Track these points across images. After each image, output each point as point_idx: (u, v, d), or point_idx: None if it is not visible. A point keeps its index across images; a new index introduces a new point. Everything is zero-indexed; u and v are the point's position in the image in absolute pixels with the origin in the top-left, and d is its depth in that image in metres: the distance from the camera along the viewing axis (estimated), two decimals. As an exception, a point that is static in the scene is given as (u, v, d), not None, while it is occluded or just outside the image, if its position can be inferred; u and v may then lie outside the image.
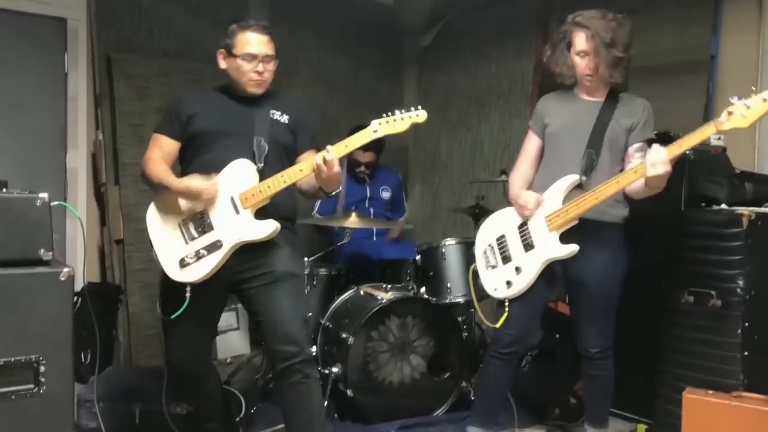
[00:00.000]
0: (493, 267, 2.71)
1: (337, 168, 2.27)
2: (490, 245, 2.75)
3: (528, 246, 2.62)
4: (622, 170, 2.52)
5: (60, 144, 3.84)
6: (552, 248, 2.54)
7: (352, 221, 3.51)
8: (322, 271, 3.65)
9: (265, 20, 4.56)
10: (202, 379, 2.56)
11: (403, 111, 2.34)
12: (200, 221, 2.33)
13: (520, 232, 2.65)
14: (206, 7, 4.18)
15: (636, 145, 2.57)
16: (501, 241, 2.71)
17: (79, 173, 3.88)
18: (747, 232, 2.53)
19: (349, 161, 4.19)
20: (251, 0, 4.48)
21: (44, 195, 2.26)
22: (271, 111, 2.48)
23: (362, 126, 2.34)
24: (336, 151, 2.26)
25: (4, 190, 2.29)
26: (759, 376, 2.49)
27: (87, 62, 3.88)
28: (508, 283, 2.65)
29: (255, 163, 2.36)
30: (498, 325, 2.68)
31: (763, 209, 2.66)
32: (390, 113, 2.31)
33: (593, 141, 2.55)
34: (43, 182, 3.38)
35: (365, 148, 4.10)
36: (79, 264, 2.40)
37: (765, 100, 2.15)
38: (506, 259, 2.68)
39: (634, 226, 2.83)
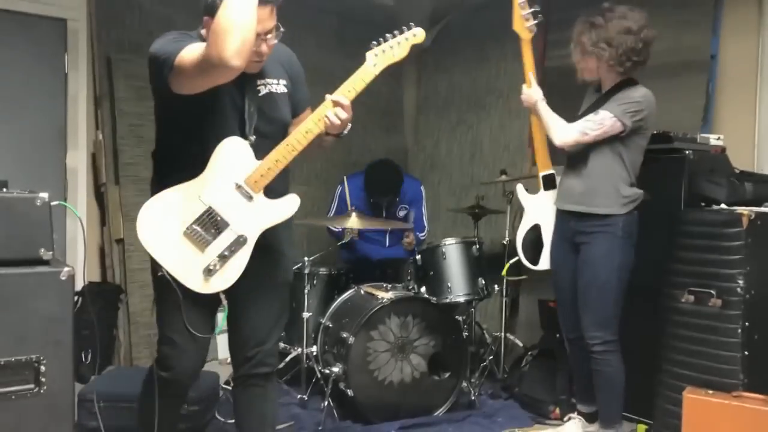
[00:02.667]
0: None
1: (350, 111, 2.10)
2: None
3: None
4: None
5: (60, 144, 3.84)
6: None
7: (353, 222, 3.51)
8: (323, 270, 3.65)
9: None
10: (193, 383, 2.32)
11: (395, 33, 2.16)
12: (209, 222, 2.06)
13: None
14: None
15: (595, 112, 2.65)
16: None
17: (79, 173, 3.88)
18: (747, 231, 2.52)
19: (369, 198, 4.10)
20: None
21: (44, 195, 2.26)
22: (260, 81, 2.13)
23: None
24: (340, 98, 2.10)
25: (4, 189, 2.29)
26: (759, 376, 2.49)
27: (87, 62, 3.89)
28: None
29: (246, 138, 2.08)
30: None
31: (762, 209, 2.66)
32: (381, 40, 2.13)
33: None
34: (43, 182, 3.37)
35: (384, 193, 4.05)
36: (79, 264, 2.40)
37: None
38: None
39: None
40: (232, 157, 2.07)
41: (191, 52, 1.91)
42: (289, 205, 2.12)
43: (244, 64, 1.88)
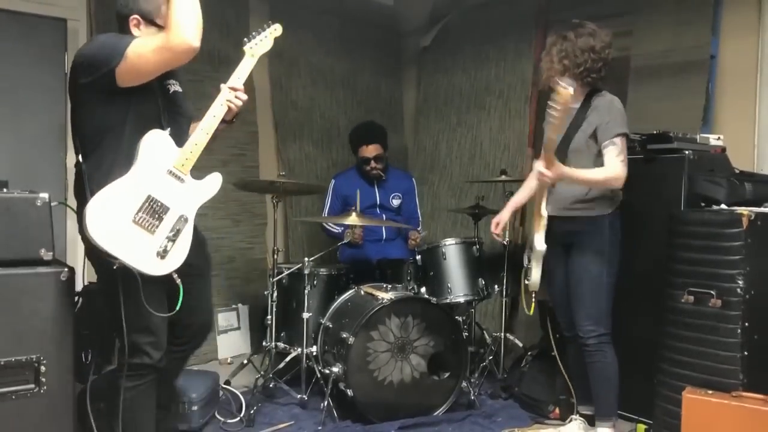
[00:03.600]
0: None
1: (246, 95, 2.41)
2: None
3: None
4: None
5: (60, 144, 3.84)
6: None
7: (352, 220, 3.51)
8: (323, 271, 3.65)
9: (266, 20, 4.60)
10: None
11: (259, 30, 2.49)
12: (151, 209, 2.20)
13: None
14: (206, 7, 4.16)
15: (606, 142, 2.73)
16: None
17: (79, 173, 3.87)
18: (747, 232, 2.52)
19: (358, 161, 4.18)
20: (251, 0, 4.49)
21: (45, 195, 2.26)
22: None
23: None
24: (236, 84, 2.38)
25: (5, 190, 2.29)
26: (759, 376, 2.49)
27: (87, 62, 3.88)
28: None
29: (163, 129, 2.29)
30: (530, 313, 2.96)
31: (762, 209, 2.66)
32: (251, 37, 2.47)
33: (560, 150, 2.77)
34: (43, 182, 3.37)
35: (368, 141, 4.20)
36: (79, 264, 2.40)
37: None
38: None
39: (634, 226, 2.84)
40: (158, 147, 2.26)
41: (148, 41, 2.16)
42: (214, 182, 2.38)
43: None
